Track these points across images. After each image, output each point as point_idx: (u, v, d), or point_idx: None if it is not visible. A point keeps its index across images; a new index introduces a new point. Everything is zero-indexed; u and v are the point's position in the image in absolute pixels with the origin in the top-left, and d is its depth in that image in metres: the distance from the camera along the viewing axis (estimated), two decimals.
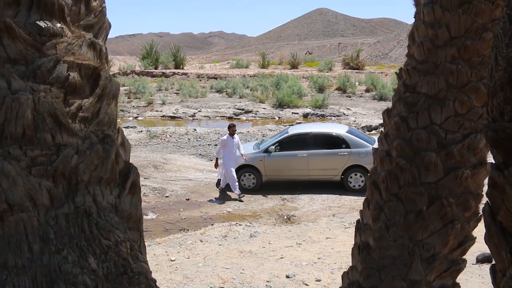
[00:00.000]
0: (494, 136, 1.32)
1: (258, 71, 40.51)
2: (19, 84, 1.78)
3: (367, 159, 12.60)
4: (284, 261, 7.40)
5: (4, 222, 1.73)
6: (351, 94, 32.25)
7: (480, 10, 2.73)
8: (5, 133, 1.76)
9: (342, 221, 9.61)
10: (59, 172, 1.85)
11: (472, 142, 2.76)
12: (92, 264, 1.85)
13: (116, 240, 1.93)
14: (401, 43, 55.66)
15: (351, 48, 57.58)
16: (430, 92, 2.83)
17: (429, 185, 2.78)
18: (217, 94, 33.34)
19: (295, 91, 30.23)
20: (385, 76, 35.94)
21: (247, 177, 13.10)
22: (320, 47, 74.74)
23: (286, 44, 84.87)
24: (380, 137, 3.16)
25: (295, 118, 25.81)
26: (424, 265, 2.76)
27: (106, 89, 2.03)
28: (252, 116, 26.88)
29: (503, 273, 1.30)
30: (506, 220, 1.29)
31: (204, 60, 67.82)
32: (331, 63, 43.27)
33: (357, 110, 27.02)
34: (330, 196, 12.24)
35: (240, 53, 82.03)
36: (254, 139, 18.96)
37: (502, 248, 1.30)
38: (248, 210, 11.57)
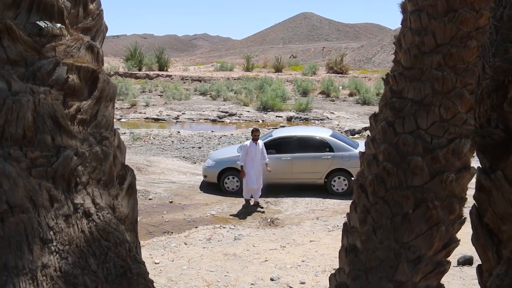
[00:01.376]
0: (481, 142, 1.37)
1: (242, 74, 40.56)
2: (19, 85, 1.79)
3: (351, 163, 12.72)
4: (268, 264, 7.42)
5: (4, 223, 1.72)
6: (335, 98, 32.49)
7: (465, 18, 2.80)
8: (6, 134, 1.76)
9: (325, 224, 9.68)
10: (58, 174, 1.85)
11: (457, 147, 2.83)
12: (92, 265, 1.86)
13: (116, 241, 1.93)
14: (385, 48, 56.25)
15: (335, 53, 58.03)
16: (416, 98, 2.89)
17: (415, 189, 2.84)
18: (201, 97, 33.28)
19: (279, 94, 30.35)
20: (368, 81, 36.29)
21: (231, 180, 13.10)
22: (304, 51, 75.12)
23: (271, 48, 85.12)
24: (367, 141, 3.21)
25: (279, 122, 25.90)
26: (410, 266, 2.82)
27: (104, 92, 2.04)
28: (236, 119, 26.90)
29: (490, 272, 1.35)
30: (493, 222, 1.34)
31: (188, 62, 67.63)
32: (315, 67, 43.52)
33: (341, 114, 27.23)
34: (314, 200, 12.31)
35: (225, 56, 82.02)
36: (238, 142, 18.97)
37: (488, 249, 1.35)
38: (231, 213, 11.57)
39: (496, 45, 1.36)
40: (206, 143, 19.59)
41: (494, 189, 1.30)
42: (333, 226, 9.46)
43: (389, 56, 53.39)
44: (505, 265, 1.21)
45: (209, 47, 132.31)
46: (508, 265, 1.20)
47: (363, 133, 22.53)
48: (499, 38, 1.37)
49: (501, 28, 1.37)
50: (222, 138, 20.53)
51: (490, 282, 1.24)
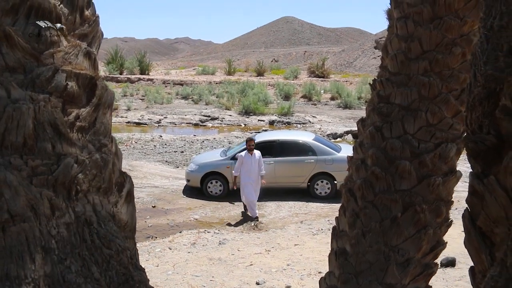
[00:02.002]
0: (474, 147, 1.41)
1: (224, 78, 40.57)
2: (19, 93, 1.77)
3: (333, 166, 12.82)
4: (253, 268, 7.43)
5: (6, 233, 1.70)
6: (317, 102, 32.70)
7: (450, 26, 2.87)
8: (6, 142, 1.74)
9: (310, 228, 9.73)
10: (59, 182, 1.84)
11: (443, 151, 2.89)
12: (95, 273, 1.84)
13: (117, 249, 1.92)
14: (366, 53, 56.82)
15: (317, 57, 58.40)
16: (404, 103, 2.95)
17: (403, 193, 2.89)
18: (183, 101, 33.17)
19: (261, 98, 30.44)
20: (349, 85, 36.61)
21: (214, 184, 13.07)
22: (286, 55, 75.43)
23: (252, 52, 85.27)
24: (355, 146, 3.26)
25: (261, 125, 25.95)
26: (399, 269, 2.86)
27: (102, 99, 2.03)
28: (218, 123, 26.87)
29: (483, 274, 1.39)
30: (485, 225, 1.38)
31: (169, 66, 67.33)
32: (297, 71, 43.76)
33: (323, 117, 27.41)
34: (297, 203, 12.36)
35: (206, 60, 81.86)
36: (220, 146, 18.96)
37: (482, 251, 1.39)
38: (215, 217, 11.55)
39: (487, 54, 1.41)
40: (189, 147, 19.53)
41: (487, 193, 1.35)
42: (317, 230, 9.52)
43: (370, 60, 54.00)
44: (499, 267, 1.25)
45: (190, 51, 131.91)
46: (502, 266, 1.24)
47: (345, 137, 22.72)
48: (490, 47, 1.41)
49: (492, 38, 1.42)
50: (204, 142, 20.48)
51: (485, 283, 1.28)
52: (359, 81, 37.01)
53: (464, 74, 2.93)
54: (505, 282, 1.20)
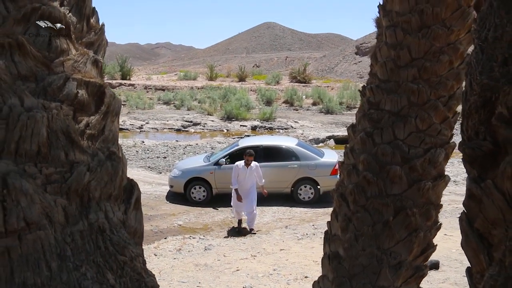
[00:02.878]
0: (471, 153, 1.48)
1: (206, 83, 40.50)
2: (31, 101, 1.78)
3: (317, 172, 12.93)
4: (240, 274, 7.45)
5: (22, 241, 1.71)
6: (298, 107, 32.89)
7: (438, 34, 2.96)
8: (20, 150, 1.75)
9: (295, 233, 9.79)
10: (72, 189, 1.85)
11: (433, 156, 2.97)
12: (111, 280, 1.85)
13: (131, 255, 1.94)
14: (346, 58, 57.40)
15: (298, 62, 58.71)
16: (394, 109, 3.02)
17: (394, 197, 2.96)
18: (164, 106, 33.04)
19: (243, 103, 30.50)
20: (331, 90, 36.91)
21: (197, 190, 13.07)
22: (268, 60, 75.74)
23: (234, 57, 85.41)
24: (346, 152, 3.32)
25: (244, 131, 26.00)
26: (391, 272, 2.93)
27: (110, 106, 2.05)
28: (201, 129, 26.84)
29: (481, 274, 1.45)
30: (483, 227, 1.44)
31: (151, 71, 66.96)
32: (279, 77, 43.94)
33: (305, 123, 27.58)
34: (281, 208, 12.43)
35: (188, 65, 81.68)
36: (203, 151, 18.93)
37: (480, 252, 1.45)
38: (199, 223, 11.54)
39: (482, 64, 1.48)
40: (171, 152, 19.47)
41: (485, 197, 1.41)
42: (302, 235, 9.58)
43: (351, 66, 54.55)
44: (498, 267, 1.32)
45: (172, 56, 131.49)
46: (500, 266, 1.30)
47: (327, 142, 22.90)
48: (485, 57, 1.49)
49: (486, 49, 1.49)
50: (187, 148, 20.44)
51: (484, 282, 1.34)
52: (340, 87, 37.35)
53: (451, 81, 3.03)
54: (504, 281, 1.26)
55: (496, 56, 1.44)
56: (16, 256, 1.68)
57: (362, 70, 51.85)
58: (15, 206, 1.67)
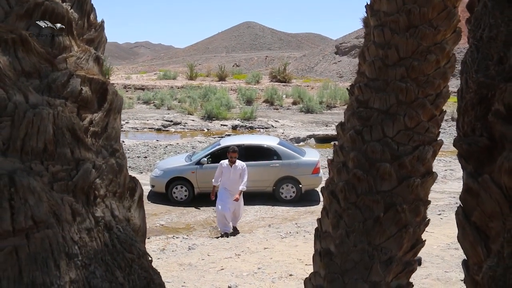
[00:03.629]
0: (468, 149, 1.52)
1: (186, 83, 40.32)
2: (36, 98, 1.75)
3: (298, 170, 12.99)
4: (225, 273, 7.45)
5: (30, 240, 1.68)
6: (279, 106, 32.99)
7: (425, 34, 3.02)
8: (26, 148, 1.71)
9: (278, 231, 9.82)
10: (78, 187, 1.83)
11: (421, 154, 3.03)
12: (119, 278, 1.83)
13: (138, 253, 1.93)
14: (326, 58, 57.77)
15: (278, 62, 58.89)
16: (382, 108, 3.07)
17: (384, 193, 3.01)
18: (144, 106, 32.79)
19: (224, 103, 30.46)
20: (311, 89, 37.11)
21: (179, 190, 13.01)
22: (248, 59, 75.76)
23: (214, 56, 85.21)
24: (335, 149, 3.36)
25: (224, 130, 25.96)
26: (382, 267, 2.98)
27: (113, 104, 2.03)
28: (181, 128, 26.72)
29: (479, 265, 1.50)
30: (480, 220, 1.49)
31: (130, 70, 66.30)
32: (259, 76, 43.99)
33: (285, 122, 27.68)
34: (263, 207, 12.46)
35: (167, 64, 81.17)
36: (184, 151, 18.85)
37: (477, 244, 1.50)
38: (181, 222, 11.49)
39: (477, 63, 1.53)
40: (152, 152, 19.33)
41: (482, 191, 1.46)
42: (286, 233, 9.63)
43: (331, 65, 54.92)
44: (496, 258, 1.36)
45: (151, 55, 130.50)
46: (499, 257, 1.35)
47: (308, 141, 23.02)
48: (480, 56, 1.53)
49: (482, 48, 1.54)
50: (168, 147, 20.32)
51: (483, 273, 1.38)
52: (320, 86, 37.59)
53: (438, 80, 3.09)
54: (503, 271, 1.31)
55: (492, 55, 1.49)
56: (24, 255, 1.65)
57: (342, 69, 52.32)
58: (23, 205, 1.64)
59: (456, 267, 7.30)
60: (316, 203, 12.89)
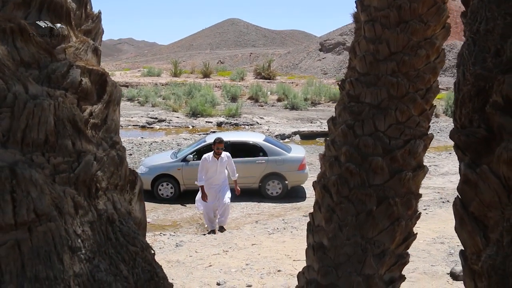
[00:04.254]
0: (466, 140, 1.55)
1: (170, 80, 40.07)
2: (36, 88, 1.71)
3: (284, 167, 13.04)
4: (213, 269, 7.44)
5: (32, 233, 1.64)
6: (264, 103, 33.00)
7: (415, 29, 3.05)
8: (27, 139, 1.68)
9: (265, 228, 9.85)
10: (80, 180, 1.80)
11: (412, 147, 3.06)
12: (124, 271, 1.81)
13: (142, 246, 1.91)
14: (311, 55, 57.91)
15: (262, 58, 58.89)
16: (374, 102, 3.10)
17: (377, 187, 3.04)
18: (128, 103, 32.51)
19: (208, 100, 30.36)
20: (296, 86, 37.19)
21: (165, 187, 12.96)
22: (232, 56, 75.60)
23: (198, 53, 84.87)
24: (327, 144, 3.38)
25: (209, 127, 25.89)
26: (376, 260, 3.01)
27: (112, 95, 2.00)
28: (166, 125, 26.57)
29: (477, 255, 1.52)
30: (478, 210, 1.52)
31: (114, 67, 65.67)
32: (243, 73, 43.89)
33: (270, 119, 27.70)
34: (249, 204, 12.46)
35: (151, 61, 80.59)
36: (169, 148, 18.76)
37: (476, 234, 1.52)
38: (167, 220, 11.44)
39: (474, 55, 1.55)
40: (137, 149, 19.20)
41: (481, 181, 1.48)
42: (273, 229, 9.65)
43: (315, 62, 55.08)
44: (495, 247, 1.38)
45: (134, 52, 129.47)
46: (498, 246, 1.37)
47: (293, 138, 23.08)
48: (477, 49, 1.55)
49: (478, 41, 1.56)
50: (153, 145, 20.19)
51: (482, 262, 1.40)
52: (304, 83, 37.67)
53: (428, 75, 3.12)
54: (503, 259, 1.33)
55: (489, 48, 1.51)
56: (27, 249, 1.62)
57: (326, 66, 52.52)
58: (25, 197, 1.60)
59: (442, 261, 7.40)
60: (302, 199, 12.95)
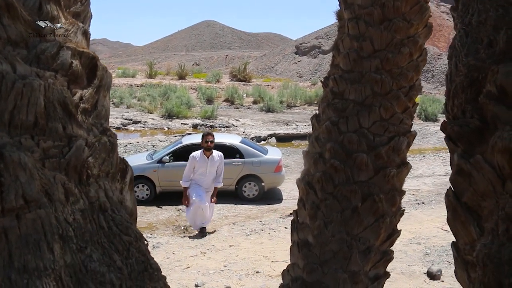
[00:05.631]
0: (459, 130, 1.55)
1: (145, 81, 39.71)
2: (25, 68, 1.62)
3: (261, 168, 13.01)
4: (191, 271, 7.37)
5: (21, 220, 1.54)
6: (239, 105, 32.98)
7: (398, 27, 3.07)
8: (15, 121, 1.58)
9: (243, 229, 9.81)
10: (71, 165, 1.71)
11: (396, 144, 3.08)
12: (117, 261, 1.73)
13: (135, 235, 1.84)
14: (286, 58, 58.20)
15: (238, 61, 58.94)
16: (358, 99, 3.10)
17: (361, 184, 3.04)
18: None
19: (184, 101, 30.17)
20: (271, 89, 37.29)
21: (140, 189, 12.77)
22: (208, 58, 75.40)
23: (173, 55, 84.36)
24: (311, 141, 3.37)
25: (185, 129, 25.72)
26: (361, 257, 3.01)
27: (103, 80, 1.92)
28: (141, 127, 26.28)
29: (471, 245, 1.53)
30: (472, 200, 1.52)
31: None
32: (219, 75, 43.84)
33: (246, 121, 27.69)
34: (225, 206, 12.39)
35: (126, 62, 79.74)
36: (145, 150, 18.55)
37: (469, 224, 1.53)
38: (143, 222, 11.28)
39: (467, 47, 1.56)
40: None
41: (475, 171, 1.49)
42: (251, 231, 9.62)
43: (291, 65, 55.36)
44: (490, 235, 1.39)
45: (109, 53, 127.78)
46: (493, 235, 1.37)
47: (269, 140, 23.12)
48: (470, 40, 1.56)
49: (471, 32, 1.57)
50: (128, 146, 19.92)
51: (477, 251, 1.40)
52: (280, 86, 37.83)
53: (411, 72, 3.15)
54: (498, 248, 1.33)
55: (481, 39, 1.52)
56: (15, 237, 1.52)
57: (302, 69, 52.85)
58: (13, 182, 1.50)
59: (419, 261, 7.49)
60: (279, 201, 12.95)
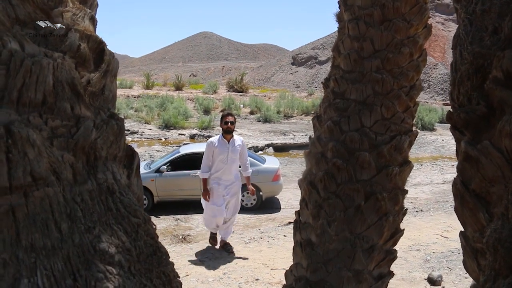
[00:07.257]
0: (465, 117, 1.55)
1: (142, 92, 39.78)
2: (33, 48, 1.61)
3: (259, 178, 12.96)
4: (190, 279, 7.31)
5: (28, 198, 1.50)
6: (236, 116, 32.88)
7: (398, 28, 3.09)
8: (24, 99, 1.56)
9: (242, 237, 9.76)
10: (79, 146, 1.69)
11: (398, 143, 3.08)
12: (126, 243, 1.70)
13: (144, 218, 1.81)
14: (283, 68, 58.43)
15: (235, 72, 59.16)
16: (359, 98, 3.11)
17: (364, 182, 3.04)
18: None
19: (181, 112, 30.20)
20: (268, 99, 37.38)
21: None
22: (204, 69, 75.65)
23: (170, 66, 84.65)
24: (312, 141, 3.37)
25: (182, 139, 25.71)
26: (365, 255, 2.99)
27: (110, 65, 1.92)
28: (138, 137, 26.26)
29: (480, 232, 1.52)
30: (481, 187, 1.52)
31: None
32: (216, 86, 43.95)
33: (243, 131, 27.69)
34: None
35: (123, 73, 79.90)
36: (142, 160, 18.51)
37: (478, 211, 1.52)
38: None
39: (471, 35, 1.57)
40: None
41: (483, 157, 1.49)
42: (249, 239, 9.57)
43: (287, 75, 55.56)
44: (500, 220, 1.38)
45: None
46: (503, 220, 1.37)
47: (266, 150, 23.14)
48: (474, 29, 1.58)
49: (475, 21, 1.58)
50: None
51: (488, 237, 1.40)
52: (277, 96, 37.92)
53: (412, 72, 3.16)
54: (508, 232, 1.33)
55: (486, 27, 1.53)
56: (22, 215, 1.49)
57: (298, 80, 53.06)
58: (22, 159, 1.48)
59: (419, 267, 7.46)
60: (277, 210, 12.89)
